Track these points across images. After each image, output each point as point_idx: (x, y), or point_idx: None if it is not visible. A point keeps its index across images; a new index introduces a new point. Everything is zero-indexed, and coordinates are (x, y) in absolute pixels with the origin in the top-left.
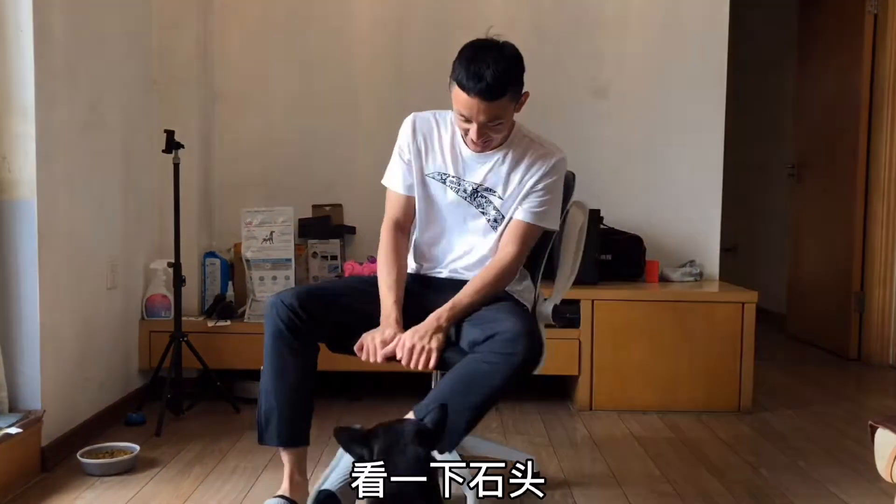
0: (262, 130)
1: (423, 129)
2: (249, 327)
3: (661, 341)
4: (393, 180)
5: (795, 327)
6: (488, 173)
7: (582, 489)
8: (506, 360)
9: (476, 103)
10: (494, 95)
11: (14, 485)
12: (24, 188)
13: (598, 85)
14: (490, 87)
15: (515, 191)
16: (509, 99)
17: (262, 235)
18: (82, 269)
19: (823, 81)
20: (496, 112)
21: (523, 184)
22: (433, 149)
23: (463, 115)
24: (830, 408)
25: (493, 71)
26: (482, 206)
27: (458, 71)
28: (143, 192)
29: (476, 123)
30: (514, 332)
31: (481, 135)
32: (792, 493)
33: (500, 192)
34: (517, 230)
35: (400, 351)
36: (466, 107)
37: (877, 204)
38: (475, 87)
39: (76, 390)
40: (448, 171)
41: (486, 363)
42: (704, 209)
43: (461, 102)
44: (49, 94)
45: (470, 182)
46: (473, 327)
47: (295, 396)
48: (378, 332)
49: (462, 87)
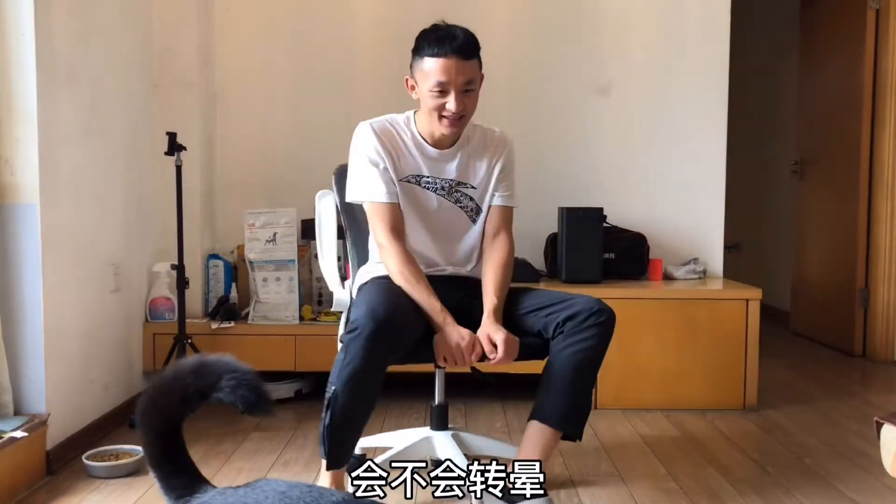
0: (263, 131)
1: (384, 134)
2: (253, 329)
3: (665, 339)
4: (371, 191)
5: (800, 324)
6: (458, 167)
7: (587, 488)
8: (602, 329)
9: (453, 63)
10: (469, 54)
11: (19, 488)
12: (27, 192)
13: (601, 83)
14: (464, 45)
15: (485, 178)
16: (478, 66)
17: (265, 237)
18: (85, 272)
19: (826, 77)
20: (471, 74)
21: (491, 169)
22: (402, 152)
23: (441, 83)
24: (835, 404)
25: (462, 32)
26: (460, 201)
27: (424, 47)
28: (145, 195)
29: (454, 90)
30: (593, 304)
31: (459, 103)
32: (798, 490)
33: (472, 183)
34: (502, 216)
35: (500, 345)
36: (444, 71)
37: (880, 201)
38: (451, 45)
39: (80, 393)
40: (422, 172)
41: (584, 341)
42: (708, 207)
43: (437, 70)
44: (51, 98)
45: (444, 179)
46: (542, 317)
47: (367, 421)
48: (450, 338)
49: (435, 55)
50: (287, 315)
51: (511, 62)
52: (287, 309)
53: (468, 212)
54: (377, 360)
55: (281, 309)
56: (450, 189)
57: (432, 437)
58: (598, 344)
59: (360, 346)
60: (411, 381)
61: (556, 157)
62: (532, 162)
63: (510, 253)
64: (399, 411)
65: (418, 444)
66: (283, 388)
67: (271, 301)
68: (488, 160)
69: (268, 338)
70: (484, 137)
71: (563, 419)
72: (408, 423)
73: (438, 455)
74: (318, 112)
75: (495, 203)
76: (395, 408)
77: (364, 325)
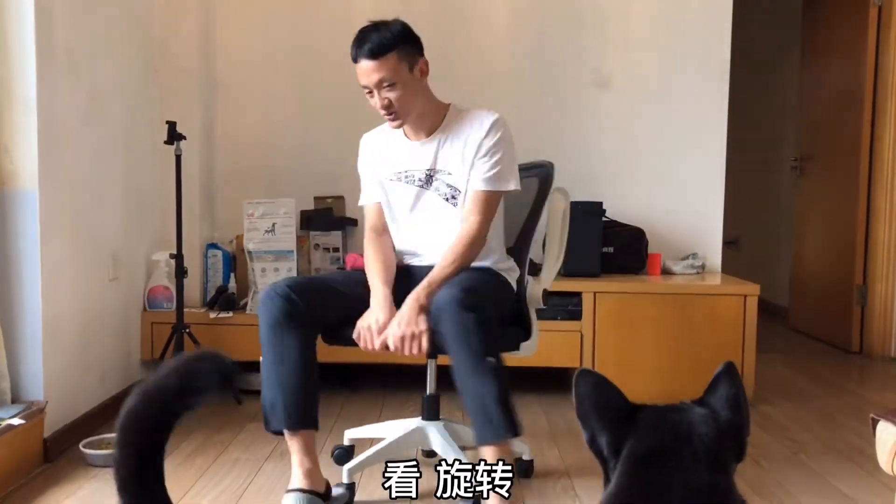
0: (263, 121)
1: (370, 144)
2: (252, 319)
3: (662, 334)
4: (364, 198)
5: (797, 320)
6: (434, 155)
7: (583, 480)
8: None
9: (366, 66)
10: (377, 54)
11: (17, 475)
12: (26, 179)
13: (601, 77)
14: (373, 47)
15: (461, 160)
16: (398, 58)
17: (264, 227)
18: (84, 260)
19: (827, 74)
20: (386, 72)
21: (467, 149)
22: (383, 155)
23: (364, 86)
24: (832, 400)
25: (375, 35)
26: (438, 189)
27: (351, 54)
28: (144, 184)
29: (375, 89)
30: (445, 300)
31: (382, 100)
32: (792, 486)
33: (448, 169)
34: (476, 199)
35: (391, 342)
36: (361, 75)
37: (880, 197)
38: (360, 51)
39: (78, 381)
40: (400, 169)
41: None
42: (707, 202)
43: (359, 75)
44: (50, 85)
45: (421, 170)
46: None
47: (298, 379)
48: (371, 317)
49: (354, 61)
50: None
51: (511, 55)
52: None
53: (447, 198)
54: (275, 327)
55: None
56: (427, 178)
57: (424, 427)
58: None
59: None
60: (408, 374)
61: (555, 150)
62: (531, 155)
63: (470, 235)
64: (397, 403)
65: (410, 435)
66: None
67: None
68: (463, 141)
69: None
70: (462, 120)
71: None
72: (405, 415)
73: (430, 445)
74: (319, 102)
75: (471, 186)
76: (392, 400)
77: (264, 297)
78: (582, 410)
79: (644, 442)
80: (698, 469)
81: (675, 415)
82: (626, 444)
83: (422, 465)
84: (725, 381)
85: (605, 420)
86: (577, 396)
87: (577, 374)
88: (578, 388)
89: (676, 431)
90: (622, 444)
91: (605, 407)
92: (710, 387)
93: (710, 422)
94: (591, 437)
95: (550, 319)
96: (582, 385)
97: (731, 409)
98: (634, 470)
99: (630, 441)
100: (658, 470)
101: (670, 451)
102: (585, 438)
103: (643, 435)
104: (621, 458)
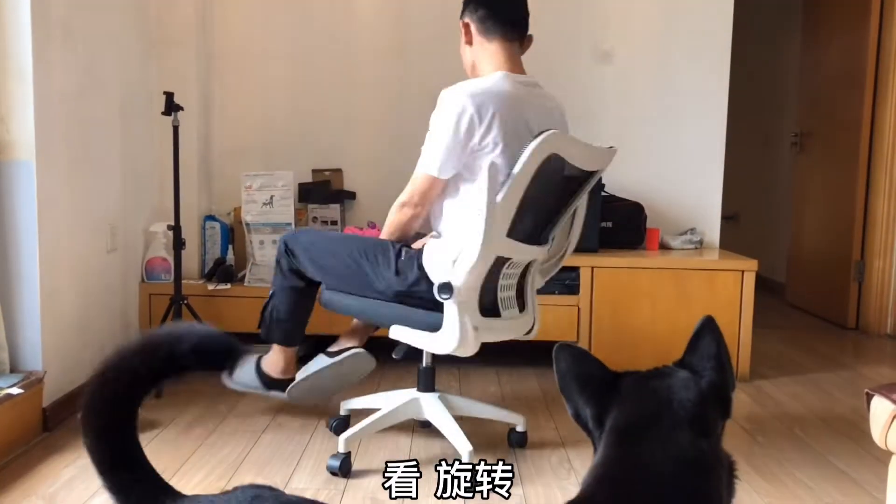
0: (261, 94)
1: None
2: (250, 291)
3: (660, 308)
4: None
5: (795, 296)
6: None
7: (578, 451)
8: None
9: None
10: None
11: (16, 444)
12: (23, 149)
13: (603, 50)
14: None
15: None
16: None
17: (262, 199)
18: (82, 231)
19: (829, 50)
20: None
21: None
22: None
23: None
24: (827, 376)
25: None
26: None
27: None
28: (142, 155)
29: None
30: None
31: None
32: (788, 460)
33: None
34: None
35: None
36: None
37: (879, 174)
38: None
39: (77, 352)
40: None
41: None
42: (706, 177)
43: None
44: (47, 56)
45: None
46: None
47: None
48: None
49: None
50: None
51: None
52: None
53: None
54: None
55: None
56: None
57: (419, 398)
58: None
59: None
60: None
61: None
62: None
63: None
64: (394, 376)
65: (405, 406)
66: None
67: (268, 264)
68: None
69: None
70: None
71: None
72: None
73: (425, 416)
74: (317, 75)
75: None
76: (390, 373)
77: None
78: (564, 385)
79: (625, 413)
80: (681, 436)
81: (655, 381)
82: (609, 415)
83: (416, 435)
84: (705, 337)
85: (587, 393)
86: (558, 371)
87: (556, 349)
88: (559, 362)
89: (657, 399)
90: (606, 415)
91: (586, 380)
92: (691, 345)
93: (692, 385)
94: (575, 412)
95: (548, 294)
96: (561, 359)
97: (714, 369)
98: (618, 442)
99: (613, 412)
100: (641, 440)
101: (652, 421)
102: (570, 413)
103: (625, 405)
104: (605, 431)
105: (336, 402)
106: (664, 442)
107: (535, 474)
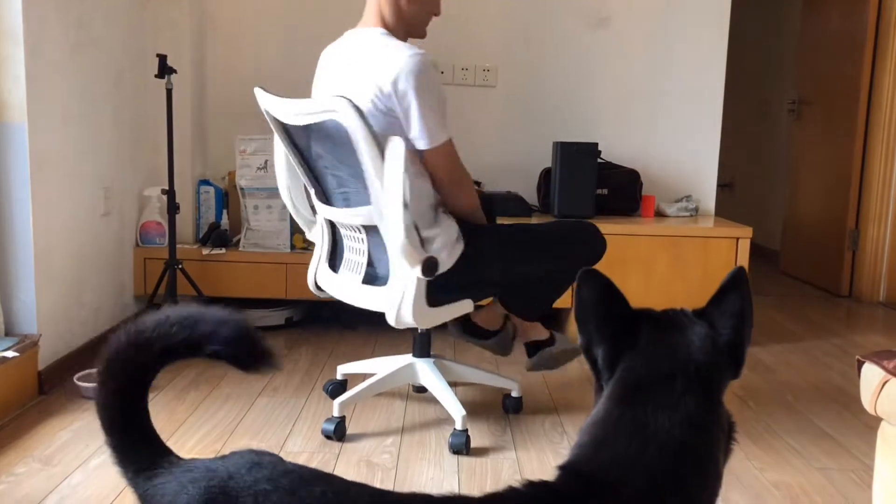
0: (255, 56)
1: None
2: (245, 256)
3: (655, 276)
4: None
5: (789, 264)
6: None
7: (571, 417)
8: None
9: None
10: None
11: (12, 407)
12: (15, 111)
13: (600, 16)
14: None
15: None
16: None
17: (257, 164)
18: (76, 195)
19: (829, 16)
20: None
21: None
22: None
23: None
24: (820, 343)
25: None
26: None
27: None
28: (136, 118)
29: None
30: None
31: None
32: (779, 426)
33: None
34: None
35: None
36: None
37: (876, 142)
38: None
39: (71, 316)
40: None
41: None
42: (702, 144)
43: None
44: (37, 15)
45: None
46: None
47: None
48: None
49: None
50: (278, 243)
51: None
52: (278, 237)
53: None
54: None
55: (272, 237)
56: None
57: (414, 363)
58: None
59: None
60: None
61: (551, 90)
62: (527, 95)
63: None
64: (390, 341)
65: (401, 371)
66: (273, 315)
67: (262, 228)
68: None
69: (259, 265)
70: None
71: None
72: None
73: (420, 382)
74: (312, 37)
75: None
76: (386, 338)
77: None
78: (581, 314)
79: (638, 366)
80: (691, 401)
81: (675, 336)
82: (621, 362)
83: (411, 400)
84: (732, 292)
85: (604, 332)
86: (579, 298)
87: (583, 273)
88: (582, 290)
89: (674, 359)
90: (618, 360)
91: (606, 316)
92: (716, 297)
93: (710, 346)
94: (586, 345)
95: None
96: (584, 287)
97: (734, 328)
98: (624, 397)
99: (625, 361)
100: (649, 401)
101: (665, 382)
102: (580, 343)
103: (639, 357)
104: (613, 378)
105: (332, 366)
106: (673, 407)
107: (529, 439)
